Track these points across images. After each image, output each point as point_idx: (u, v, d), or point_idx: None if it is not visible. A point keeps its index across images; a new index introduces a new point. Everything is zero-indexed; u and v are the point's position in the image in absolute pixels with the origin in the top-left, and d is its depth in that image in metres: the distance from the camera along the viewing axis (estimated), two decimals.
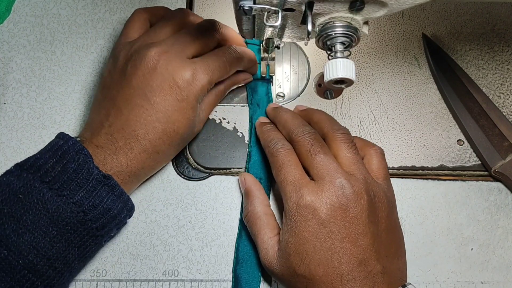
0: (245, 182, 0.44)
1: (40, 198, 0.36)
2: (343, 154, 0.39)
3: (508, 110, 0.49)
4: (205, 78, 0.41)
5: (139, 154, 0.40)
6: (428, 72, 0.50)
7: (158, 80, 0.40)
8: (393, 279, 0.37)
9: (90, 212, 0.36)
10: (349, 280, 0.35)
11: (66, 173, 0.36)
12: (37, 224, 0.35)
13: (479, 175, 0.47)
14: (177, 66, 0.40)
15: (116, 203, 0.38)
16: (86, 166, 0.37)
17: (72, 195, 0.36)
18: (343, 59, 0.35)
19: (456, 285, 0.44)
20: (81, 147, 0.37)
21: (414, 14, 0.52)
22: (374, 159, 0.41)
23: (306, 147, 0.39)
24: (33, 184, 0.36)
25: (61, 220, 0.36)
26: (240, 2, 0.33)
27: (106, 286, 0.42)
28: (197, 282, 0.43)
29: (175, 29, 0.43)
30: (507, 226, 0.46)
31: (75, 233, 0.36)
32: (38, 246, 0.35)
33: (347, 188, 0.37)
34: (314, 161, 0.38)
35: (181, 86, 0.40)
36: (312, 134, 0.40)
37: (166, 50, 0.40)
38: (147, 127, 0.39)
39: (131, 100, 0.40)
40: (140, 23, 0.44)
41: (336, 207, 0.36)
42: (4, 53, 0.49)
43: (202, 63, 0.41)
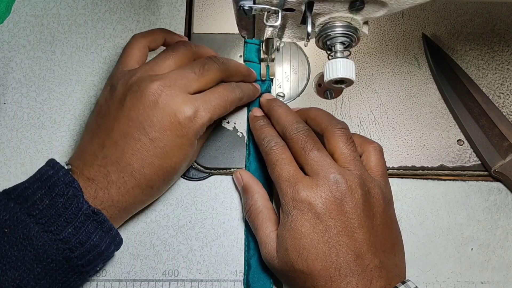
0: (242, 178, 0.44)
1: (26, 234, 0.35)
2: (341, 150, 0.39)
3: (508, 110, 0.49)
4: (206, 116, 0.40)
5: (132, 189, 0.39)
6: (428, 72, 0.50)
7: (159, 115, 0.38)
8: (390, 275, 0.37)
9: (76, 249, 0.36)
10: (347, 274, 0.36)
11: (54, 207, 0.36)
12: (22, 261, 0.34)
13: (479, 175, 0.47)
14: (179, 102, 0.39)
15: (104, 239, 0.37)
16: (76, 200, 0.36)
17: (59, 231, 0.35)
18: (343, 59, 0.35)
19: (456, 285, 0.44)
20: (71, 179, 0.36)
21: (414, 14, 0.52)
22: (373, 156, 0.41)
23: (299, 144, 0.39)
24: (20, 217, 0.35)
25: (46, 257, 0.35)
26: (240, 2, 0.33)
27: (106, 286, 0.42)
28: (197, 282, 0.43)
29: (178, 63, 0.42)
30: (507, 226, 0.46)
31: (60, 269, 0.36)
32: (22, 284, 0.34)
33: (341, 183, 0.37)
34: (308, 158, 0.39)
35: (182, 122, 0.39)
36: (306, 131, 0.40)
37: (168, 84, 0.39)
38: (144, 162, 0.38)
39: (128, 133, 0.38)
40: (139, 50, 0.43)
41: (331, 201, 0.37)
42: (4, 53, 0.49)
43: (204, 100, 0.40)
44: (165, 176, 0.40)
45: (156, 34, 0.45)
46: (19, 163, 0.46)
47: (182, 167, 0.41)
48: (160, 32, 0.45)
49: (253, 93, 0.46)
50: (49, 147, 0.46)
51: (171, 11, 0.52)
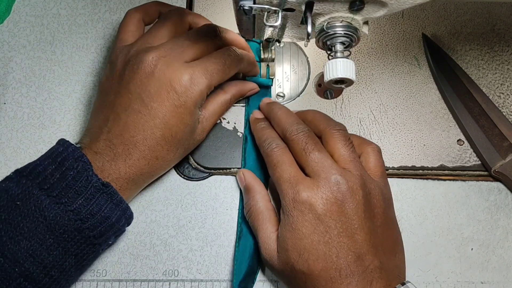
0: (245, 178, 0.44)
1: (38, 206, 0.35)
2: (340, 151, 0.39)
3: (508, 110, 0.49)
4: (203, 82, 0.40)
5: (138, 161, 0.39)
6: (428, 72, 0.50)
7: (155, 85, 0.39)
8: (391, 276, 0.37)
9: (87, 220, 0.36)
10: (347, 275, 0.36)
11: (64, 180, 0.36)
12: (34, 232, 0.35)
13: (479, 175, 0.47)
14: (174, 71, 0.39)
15: (115, 211, 0.38)
16: (85, 173, 0.37)
17: (70, 202, 0.36)
18: (343, 59, 0.35)
19: (456, 285, 0.44)
20: (80, 154, 0.37)
21: (414, 14, 0.52)
22: (371, 156, 0.41)
23: (300, 145, 0.39)
24: (31, 191, 0.36)
25: (58, 228, 0.35)
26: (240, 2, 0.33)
27: (106, 286, 0.42)
28: (197, 282, 0.43)
29: (173, 31, 0.43)
30: (507, 226, 0.46)
31: (72, 241, 0.36)
32: (34, 254, 0.35)
33: (342, 184, 0.37)
34: (309, 159, 0.38)
35: (178, 91, 0.39)
36: (306, 132, 0.40)
37: (164, 54, 0.40)
38: (145, 133, 0.39)
39: (129, 106, 0.39)
40: (134, 25, 0.44)
41: (332, 202, 0.36)
42: (4, 53, 0.49)
43: (201, 66, 0.40)
44: (168, 146, 0.40)
45: (150, 7, 0.45)
46: (19, 163, 0.46)
47: (184, 137, 0.41)
48: (154, 5, 0.46)
49: (253, 62, 0.46)
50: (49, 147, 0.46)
51: None
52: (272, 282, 0.43)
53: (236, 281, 0.41)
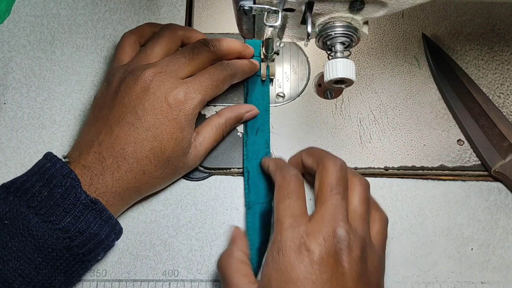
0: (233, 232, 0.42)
1: (25, 224, 0.35)
2: (354, 207, 0.37)
3: (508, 110, 0.49)
4: (197, 97, 0.41)
5: (125, 174, 0.39)
6: (428, 72, 0.50)
7: (150, 99, 0.40)
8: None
9: (76, 238, 0.36)
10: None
11: (52, 198, 0.36)
12: (23, 251, 0.35)
13: (479, 175, 0.47)
14: (169, 87, 0.40)
15: (104, 227, 0.38)
16: (74, 190, 0.37)
17: (59, 221, 0.36)
18: (343, 59, 0.35)
19: (456, 285, 0.44)
20: (68, 170, 0.37)
21: (414, 14, 0.52)
22: (378, 223, 0.39)
23: (332, 179, 0.37)
24: (19, 209, 0.36)
25: (46, 247, 0.35)
26: (240, 2, 0.33)
27: (106, 286, 0.42)
28: (197, 282, 0.43)
29: (166, 48, 0.44)
30: (507, 226, 0.46)
31: (61, 259, 0.36)
32: (23, 274, 0.35)
33: (344, 240, 0.35)
34: (330, 200, 0.36)
35: (172, 105, 0.40)
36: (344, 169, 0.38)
37: (159, 70, 0.41)
38: (136, 145, 0.39)
39: (122, 118, 0.40)
40: (130, 46, 0.45)
41: (330, 254, 0.34)
42: (4, 53, 0.49)
43: (194, 82, 0.42)
44: (157, 162, 0.40)
45: (144, 29, 0.47)
46: (19, 163, 0.46)
47: (173, 154, 0.41)
48: (148, 26, 0.47)
49: (248, 68, 0.46)
50: (49, 147, 0.46)
51: (171, 11, 0.52)
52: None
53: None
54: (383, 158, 0.46)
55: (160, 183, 0.43)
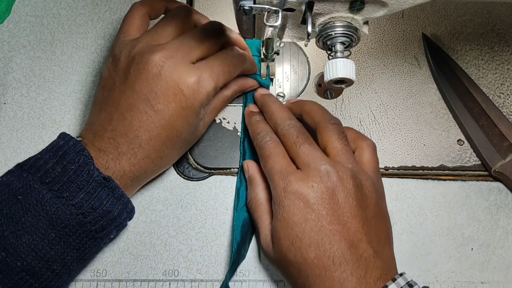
0: (248, 169, 0.44)
1: (39, 200, 0.35)
2: (333, 144, 0.40)
3: (508, 110, 0.49)
4: (210, 84, 0.40)
5: (142, 160, 0.40)
6: (428, 72, 0.50)
7: (162, 86, 0.39)
8: (386, 265, 0.37)
9: (89, 214, 0.36)
10: (341, 263, 0.36)
11: (66, 174, 0.36)
12: (36, 226, 0.35)
13: (479, 175, 0.47)
14: (182, 73, 0.39)
15: (116, 205, 0.38)
16: (87, 167, 0.37)
17: (72, 197, 0.36)
18: (343, 59, 0.35)
19: (456, 285, 0.44)
20: (81, 147, 0.37)
21: (414, 14, 0.52)
22: (366, 152, 0.41)
23: (291, 139, 0.40)
24: (33, 185, 0.36)
25: (60, 222, 0.35)
26: (240, 2, 0.33)
27: (106, 286, 0.42)
28: (197, 282, 0.43)
29: (178, 29, 0.42)
30: (507, 226, 0.46)
31: (74, 235, 0.36)
32: (36, 248, 0.35)
33: (332, 173, 0.37)
34: (300, 151, 0.39)
35: (186, 93, 0.39)
36: (297, 127, 0.41)
37: (171, 55, 0.39)
38: (151, 134, 0.39)
39: (134, 105, 0.39)
40: (139, 19, 0.43)
41: (323, 191, 0.37)
42: (4, 53, 0.49)
43: (207, 68, 0.41)
44: (173, 145, 0.41)
45: (156, 2, 0.45)
46: None
47: (188, 136, 0.42)
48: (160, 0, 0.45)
49: (253, 60, 0.47)
50: None
51: None
52: (274, 282, 0.43)
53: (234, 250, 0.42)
54: (383, 158, 0.46)
55: (175, 159, 0.44)
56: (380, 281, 0.35)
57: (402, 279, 0.35)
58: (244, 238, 0.43)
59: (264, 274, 0.43)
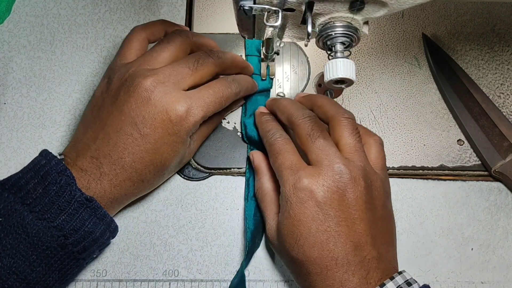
0: (254, 159, 0.44)
1: (20, 222, 0.35)
2: (346, 140, 0.39)
3: (508, 110, 0.49)
4: (199, 114, 0.40)
5: (124, 182, 0.39)
6: (428, 72, 0.50)
7: (150, 111, 0.38)
8: (387, 266, 0.37)
9: (71, 236, 0.36)
10: (343, 264, 0.36)
11: (47, 195, 0.36)
12: (17, 249, 0.35)
13: (479, 175, 0.47)
14: (172, 100, 0.39)
15: (99, 225, 0.38)
16: (68, 188, 0.36)
17: (53, 218, 0.36)
18: (343, 59, 0.35)
19: (456, 285, 0.44)
20: (63, 167, 0.37)
21: (414, 14, 0.52)
22: (373, 148, 0.41)
23: (305, 130, 0.39)
24: (14, 207, 0.36)
25: (41, 245, 0.35)
26: (240, 2, 0.33)
27: (106, 286, 0.42)
28: (197, 282, 0.43)
29: (175, 55, 0.42)
30: (507, 226, 0.46)
31: (55, 257, 0.36)
32: (17, 271, 0.35)
33: (345, 173, 0.37)
34: (314, 146, 0.38)
35: (173, 120, 0.39)
36: (312, 117, 0.40)
37: (162, 80, 0.39)
38: (134, 156, 0.39)
39: (121, 127, 0.39)
40: (138, 43, 0.43)
41: (333, 191, 0.36)
42: (4, 53, 0.49)
43: (198, 98, 0.40)
44: (156, 171, 0.40)
45: (156, 26, 0.44)
46: (19, 163, 0.46)
47: (172, 163, 0.41)
48: (161, 24, 0.45)
49: (251, 85, 0.46)
50: (49, 147, 0.46)
51: (171, 11, 0.52)
52: (277, 282, 0.43)
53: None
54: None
55: (157, 185, 0.44)
56: (381, 281, 0.35)
57: (401, 277, 0.35)
58: (258, 227, 0.43)
59: (264, 274, 0.43)
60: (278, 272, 0.43)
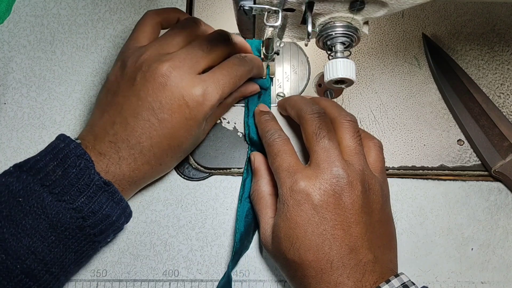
0: (254, 161, 0.44)
1: (40, 203, 0.35)
2: (347, 142, 0.39)
3: (508, 110, 0.49)
4: (215, 97, 0.40)
5: (142, 166, 0.40)
6: (428, 72, 0.50)
7: (167, 96, 0.39)
8: (384, 269, 0.37)
9: (89, 218, 0.36)
10: (339, 267, 0.36)
11: (67, 178, 0.36)
12: (36, 229, 0.35)
13: (479, 175, 0.47)
14: (188, 84, 0.39)
15: (115, 209, 0.38)
16: (87, 171, 0.37)
17: (72, 200, 0.36)
18: (343, 59, 0.35)
19: (456, 285, 0.44)
20: (82, 151, 0.37)
21: (414, 14, 0.52)
22: (373, 151, 0.41)
23: (312, 128, 0.40)
24: (33, 188, 0.36)
25: (60, 226, 0.36)
26: (240, 2, 0.33)
27: (106, 286, 0.42)
28: (197, 282, 0.43)
29: (186, 39, 0.42)
30: (507, 226, 0.46)
31: (73, 238, 0.36)
32: (36, 251, 0.35)
33: (342, 177, 0.37)
34: (318, 146, 0.39)
35: (190, 105, 0.39)
36: (322, 115, 0.40)
37: (177, 65, 0.40)
38: (152, 141, 0.39)
39: (138, 112, 0.39)
40: (151, 27, 0.43)
41: (330, 194, 0.37)
42: (4, 53, 0.49)
43: (213, 80, 0.41)
44: (173, 154, 0.41)
45: (170, 13, 0.45)
46: None
47: (190, 146, 0.42)
48: (174, 11, 0.45)
49: (261, 64, 0.46)
50: None
51: None
52: (275, 283, 0.43)
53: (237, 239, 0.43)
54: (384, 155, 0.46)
55: (174, 165, 0.44)
56: (376, 284, 0.35)
57: (397, 280, 0.35)
58: (248, 229, 0.43)
59: (264, 274, 0.43)
60: (278, 272, 0.43)
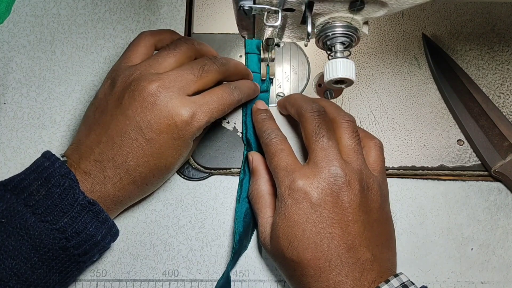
0: (252, 161, 0.44)
1: (23, 223, 0.35)
2: (345, 142, 0.40)
3: (508, 110, 0.49)
4: (203, 119, 0.40)
5: (128, 185, 0.39)
6: (428, 72, 0.50)
7: (156, 116, 0.38)
8: (383, 268, 0.37)
9: (73, 238, 0.36)
10: (337, 265, 0.36)
11: (50, 197, 0.36)
12: (19, 250, 0.35)
13: (479, 175, 0.47)
14: (177, 104, 0.39)
15: (100, 229, 0.38)
16: (72, 191, 0.36)
17: (56, 221, 0.36)
18: (343, 59, 0.35)
19: (456, 285, 0.44)
20: (67, 170, 0.37)
21: (414, 14, 0.52)
22: (373, 151, 0.41)
23: (312, 126, 0.40)
24: (16, 208, 0.35)
25: (43, 247, 0.35)
26: (240, 2, 0.33)
27: (106, 286, 0.42)
28: (197, 282, 0.43)
29: (179, 61, 0.42)
30: (507, 226, 0.46)
31: (56, 259, 0.36)
32: (19, 273, 0.35)
33: (340, 176, 0.37)
34: (317, 145, 0.39)
35: (179, 125, 0.39)
36: (322, 113, 0.40)
37: (167, 85, 0.39)
38: (139, 161, 0.39)
39: (125, 131, 0.38)
40: (145, 48, 0.43)
41: (328, 193, 0.37)
42: (4, 53, 0.49)
43: (202, 103, 0.40)
44: (160, 174, 0.41)
45: (165, 34, 0.44)
46: (19, 163, 0.46)
47: (176, 165, 0.42)
48: (169, 33, 0.45)
49: (252, 91, 0.46)
50: (49, 147, 0.46)
51: (171, 11, 0.52)
52: (275, 283, 0.43)
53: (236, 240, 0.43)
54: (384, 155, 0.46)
55: (159, 185, 0.44)
56: (375, 283, 0.36)
57: (397, 280, 0.35)
58: (247, 229, 0.43)
59: (264, 274, 0.43)
60: (277, 272, 0.43)
